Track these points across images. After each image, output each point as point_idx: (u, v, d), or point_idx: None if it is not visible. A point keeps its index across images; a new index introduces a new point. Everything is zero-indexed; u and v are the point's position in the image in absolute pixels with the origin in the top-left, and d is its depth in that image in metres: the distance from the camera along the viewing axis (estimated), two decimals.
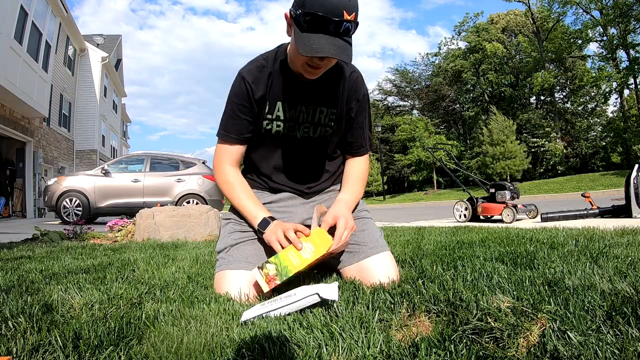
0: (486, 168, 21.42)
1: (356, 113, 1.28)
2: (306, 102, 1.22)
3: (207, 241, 3.02)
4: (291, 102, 1.21)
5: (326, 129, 1.26)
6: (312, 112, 1.23)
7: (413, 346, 0.68)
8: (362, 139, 1.33)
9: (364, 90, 1.29)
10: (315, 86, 1.20)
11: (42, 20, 10.09)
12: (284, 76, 1.19)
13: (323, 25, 1.00)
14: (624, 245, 1.55)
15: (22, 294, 1.16)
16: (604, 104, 25.70)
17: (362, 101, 1.28)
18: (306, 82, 1.18)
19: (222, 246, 1.23)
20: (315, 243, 1.08)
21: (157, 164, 7.71)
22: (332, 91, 1.23)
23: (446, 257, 1.52)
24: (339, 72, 1.22)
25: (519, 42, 26.71)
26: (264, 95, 1.19)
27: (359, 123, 1.31)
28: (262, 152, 1.29)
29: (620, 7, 19.57)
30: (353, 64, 1.24)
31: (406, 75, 32.12)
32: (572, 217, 3.72)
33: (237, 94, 1.20)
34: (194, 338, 0.76)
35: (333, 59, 1.08)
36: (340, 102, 1.24)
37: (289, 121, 1.23)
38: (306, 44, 1.01)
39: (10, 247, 2.73)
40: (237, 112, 1.20)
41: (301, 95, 1.21)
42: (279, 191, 1.33)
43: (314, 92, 1.21)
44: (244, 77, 1.19)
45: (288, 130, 1.24)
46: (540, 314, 0.76)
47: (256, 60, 1.22)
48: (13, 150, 11.21)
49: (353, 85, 1.25)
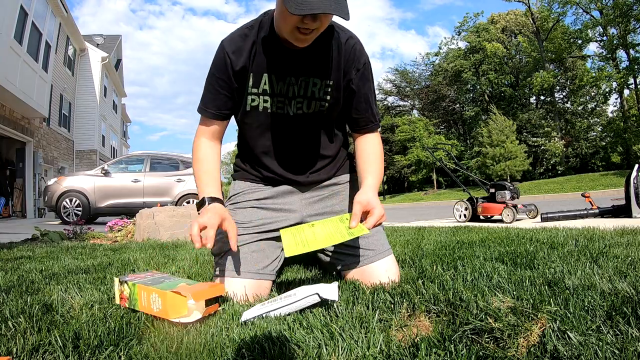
0: (486, 168, 21.44)
1: (358, 84, 1.15)
2: (296, 73, 1.09)
3: None
4: (279, 74, 1.09)
5: (322, 102, 1.13)
6: (304, 84, 1.11)
7: (413, 346, 0.68)
8: (370, 114, 1.20)
9: (364, 58, 1.15)
10: (306, 55, 1.07)
11: (42, 21, 10.09)
12: (271, 45, 1.07)
13: None
14: (624, 245, 1.55)
15: (22, 294, 1.16)
16: (604, 104, 25.74)
17: (363, 70, 1.14)
18: (296, 51, 1.06)
19: (218, 250, 1.16)
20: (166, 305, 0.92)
21: (157, 164, 7.71)
22: (325, 59, 1.10)
23: (446, 257, 1.52)
24: (334, 38, 1.10)
25: (519, 42, 26.73)
26: (245, 67, 1.08)
27: (364, 96, 1.17)
28: (252, 133, 1.19)
29: (620, 7, 19.58)
30: (350, 30, 1.14)
31: (406, 76, 32.13)
32: (572, 217, 3.72)
33: (217, 66, 1.10)
34: (193, 338, 0.76)
35: (325, 20, 0.97)
36: (336, 72, 1.12)
37: (278, 95, 1.11)
38: (295, 1, 0.90)
39: (10, 247, 2.73)
40: (215, 85, 1.11)
41: (290, 65, 1.08)
42: (274, 182, 1.24)
43: (305, 62, 1.09)
44: (224, 47, 1.08)
45: (277, 108, 1.12)
46: (540, 314, 0.76)
47: (240, 29, 1.11)
48: (13, 150, 11.21)
49: (351, 52, 1.12)
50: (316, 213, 1.25)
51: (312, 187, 1.26)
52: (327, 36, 1.09)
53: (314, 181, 1.25)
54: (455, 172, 6.84)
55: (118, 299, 1.03)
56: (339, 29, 1.12)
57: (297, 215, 1.24)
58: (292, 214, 1.24)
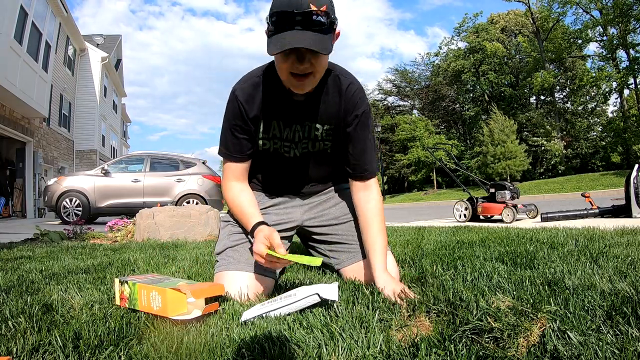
0: (486, 168, 21.44)
1: (355, 130, 1.17)
2: (301, 121, 1.16)
3: (207, 241, 3.02)
4: (285, 121, 1.16)
5: (325, 143, 1.21)
6: (308, 129, 1.17)
7: (413, 346, 0.68)
8: (364, 161, 1.20)
9: (364, 107, 1.17)
10: (309, 103, 1.14)
11: (42, 21, 10.09)
12: (277, 94, 1.13)
13: (289, 22, 0.94)
14: (624, 245, 1.55)
15: (22, 294, 1.16)
16: (604, 104, 25.72)
17: (361, 117, 1.17)
18: (300, 101, 1.12)
19: (221, 248, 1.21)
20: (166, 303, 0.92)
21: (157, 164, 7.71)
22: (326, 107, 1.15)
23: (446, 257, 1.52)
24: (335, 84, 1.15)
25: (519, 42, 26.73)
26: (257, 115, 1.14)
27: (360, 140, 1.18)
28: (261, 165, 1.27)
29: (620, 6, 19.57)
30: (352, 75, 1.18)
31: (406, 75, 32.13)
32: (572, 217, 3.72)
33: (232, 114, 1.15)
34: (194, 338, 0.76)
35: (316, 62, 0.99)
36: (335, 118, 1.17)
37: (285, 140, 1.18)
38: (274, 43, 0.96)
39: (10, 247, 2.73)
40: (234, 132, 1.16)
41: (295, 114, 1.15)
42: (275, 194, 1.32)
43: (308, 110, 1.15)
44: (237, 97, 1.14)
45: (284, 151, 1.20)
46: (540, 314, 0.76)
47: (250, 78, 1.16)
48: (13, 150, 11.21)
49: (351, 99, 1.15)
50: (314, 216, 1.33)
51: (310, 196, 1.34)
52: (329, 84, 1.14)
53: (313, 192, 1.34)
54: (455, 172, 6.84)
55: (118, 299, 1.03)
56: (340, 74, 1.16)
57: (297, 219, 1.31)
58: (293, 217, 1.31)
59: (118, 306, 1.02)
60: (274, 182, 1.30)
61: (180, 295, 0.91)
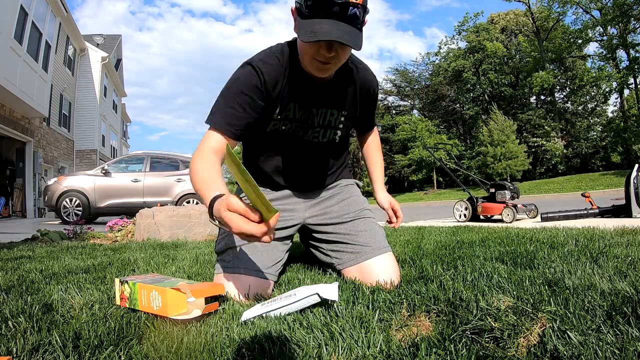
0: (486, 168, 21.44)
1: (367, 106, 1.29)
2: (318, 105, 1.16)
3: (207, 241, 3.02)
4: (302, 103, 1.14)
5: (336, 131, 1.23)
6: (323, 115, 1.18)
7: (413, 346, 0.68)
8: (371, 121, 1.40)
9: (374, 87, 1.26)
10: (329, 87, 1.15)
11: (42, 21, 10.10)
12: (298, 75, 1.10)
13: (326, 8, 0.92)
14: (624, 245, 1.55)
15: (22, 294, 1.16)
16: (604, 104, 25.74)
17: (372, 95, 1.28)
18: (320, 84, 1.12)
19: (222, 247, 1.18)
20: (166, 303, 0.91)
21: (157, 163, 7.70)
22: (344, 92, 1.18)
23: (446, 257, 1.52)
24: (350, 72, 1.17)
25: (519, 42, 26.72)
26: (279, 93, 1.10)
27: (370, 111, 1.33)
28: (265, 152, 1.24)
29: (620, 6, 19.56)
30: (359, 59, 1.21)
31: (406, 75, 32.12)
32: (572, 217, 3.72)
33: (248, 86, 1.05)
34: (194, 338, 0.76)
35: (342, 52, 0.99)
36: (350, 104, 1.22)
37: (297, 121, 1.16)
38: (307, 29, 0.94)
39: (10, 247, 2.73)
40: (242, 103, 1.05)
41: (314, 97, 1.14)
42: (278, 188, 1.30)
43: (328, 94, 1.16)
44: (259, 71, 1.05)
45: (294, 130, 1.17)
46: (540, 313, 0.76)
47: (272, 55, 1.10)
48: (13, 150, 11.22)
49: (364, 83, 1.22)
50: (317, 214, 1.31)
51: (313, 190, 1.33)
52: (345, 70, 1.15)
53: (316, 187, 1.34)
54: (455, 172, 6.84)
55: (118, 299, 1.03)
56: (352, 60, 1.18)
57: (299, 215, 1.30)
58: (295, 214, 1.29)
59: (118, 306, 1.02)
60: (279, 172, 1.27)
61: (180, 295, 0.91)
